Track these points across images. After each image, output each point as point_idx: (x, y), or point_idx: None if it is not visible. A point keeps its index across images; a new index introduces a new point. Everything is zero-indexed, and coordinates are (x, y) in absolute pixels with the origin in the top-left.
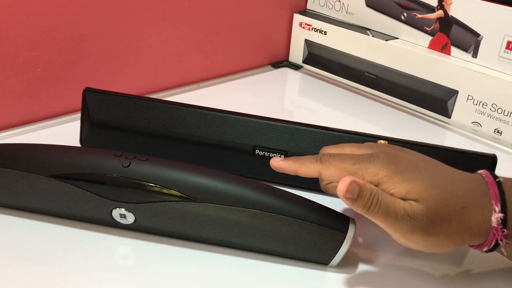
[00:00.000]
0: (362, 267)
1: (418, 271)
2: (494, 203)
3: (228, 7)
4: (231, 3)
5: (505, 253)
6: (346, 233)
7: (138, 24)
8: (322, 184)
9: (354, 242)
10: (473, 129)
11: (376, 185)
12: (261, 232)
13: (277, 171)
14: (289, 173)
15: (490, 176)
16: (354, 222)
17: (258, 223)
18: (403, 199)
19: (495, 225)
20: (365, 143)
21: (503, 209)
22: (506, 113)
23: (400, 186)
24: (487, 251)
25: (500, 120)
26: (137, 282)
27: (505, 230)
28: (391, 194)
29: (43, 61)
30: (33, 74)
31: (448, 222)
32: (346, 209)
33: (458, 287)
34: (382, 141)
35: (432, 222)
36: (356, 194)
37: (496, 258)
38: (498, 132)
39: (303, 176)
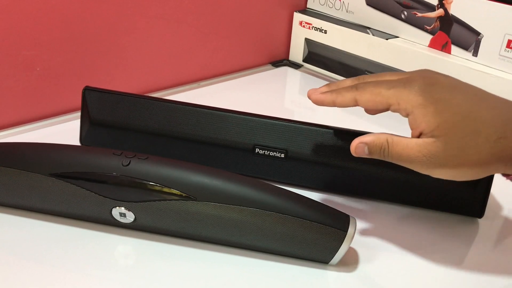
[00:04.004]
0: (362, 266)
1: (418, 270)
2: None
3: (228, 6)
4: (231, 2)
5: None
6: (346, 231)
7: (138, 23)
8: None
9: (354, 241)
10: None
11: (410, 113)
12: (261, 231)
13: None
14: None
15: None
16: (354, 220)
17: (258, 222)
18: (429, 134)
19: None
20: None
21: None
22: None
23: (432, 119)
24: None
25: None
26: (137, 281)
27: None
28: (420, 127)
29: (42, 60)
30: (33, 73)
31: (477, 154)
32: (346, 208)
33: (458, 286)
34: None
35: (454, 156)
36: (367, 151)
37: (497, 258)
38: None
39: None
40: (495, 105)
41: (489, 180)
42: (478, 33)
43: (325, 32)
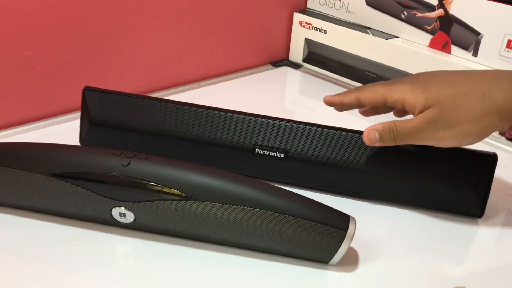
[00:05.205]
0: (362, 266)
1: (418, 270)
2: None
3: (228, 6)
4: (231, 2)
5: None
6: (346, 231)
7: (138, 23)
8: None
9: (354, 241)
10: None
11: (403, 101)
12: (261, 231)
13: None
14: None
15: None
16: (354, 220)
17: (257, 222)
18: (424, 108)
19: None
20: None
21: None
22: None
23: (421, 96)
24: None
25: None
26: (137, 281)
27: None
28: (414, 107)
29: (42, 60)
30: (33, 73)
31: (469, 111)
32: (346, 208)
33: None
34: None
35: (450, 115)
36: (378, 137)
37: (497, 258)
38: None
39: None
40: (474, 73)
41: (489, 180)
42: (478, 33)
43: (325, 32)
